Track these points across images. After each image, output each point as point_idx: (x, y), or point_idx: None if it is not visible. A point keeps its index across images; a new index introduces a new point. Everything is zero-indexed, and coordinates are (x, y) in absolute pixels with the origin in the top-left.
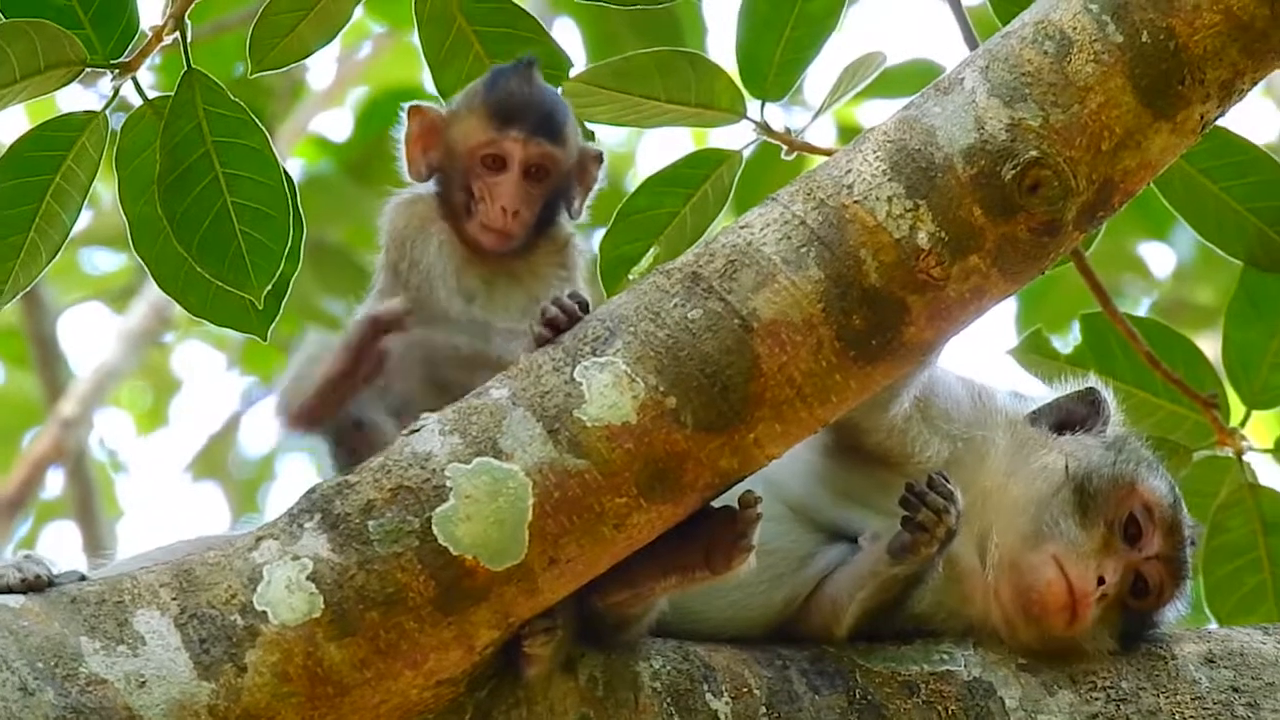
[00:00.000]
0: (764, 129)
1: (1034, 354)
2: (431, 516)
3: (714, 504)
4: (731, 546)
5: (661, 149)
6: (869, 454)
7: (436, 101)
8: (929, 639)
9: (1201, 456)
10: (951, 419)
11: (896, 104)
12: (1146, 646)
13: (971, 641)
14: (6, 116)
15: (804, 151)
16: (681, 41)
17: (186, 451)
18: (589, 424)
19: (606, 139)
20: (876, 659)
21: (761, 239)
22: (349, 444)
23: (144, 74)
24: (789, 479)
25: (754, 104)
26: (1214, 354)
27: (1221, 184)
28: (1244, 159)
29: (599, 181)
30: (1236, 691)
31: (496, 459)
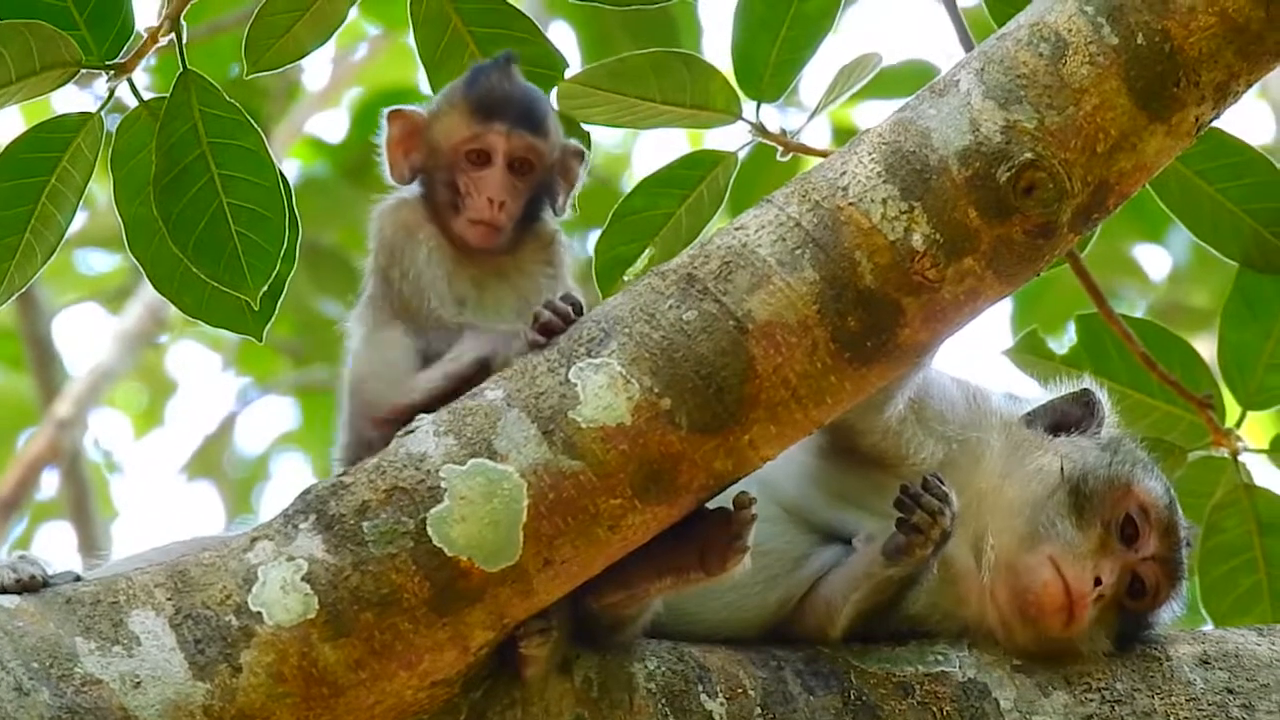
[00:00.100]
0: (759, 130)
1: (1029, 355)
2: (426, 518)
3: (709, 505)
4: (726, 548)
5: (657, 150)
6: (864, 455)
7: (429, 101)
8: (924, 640)
9: (1197, 457)
10: (946, 421)
11: (892, 106)
12: (1141, 648)
13: (966, 643)
14: (2, 118)
15: (799, 153)
16: (677, 42)
17: (182, 452)
18: (584, 425)
19: (602, 140)
20: (871, 660)
21: (756, 240)
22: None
23: (139, 75)
24: (784, 480)
25: (749, 105)
26: (1209, 356)
27: (1217, 185)
28: (1240, 160)
29: (582, 177)
30: (1231, 693)
31: (491, 460)
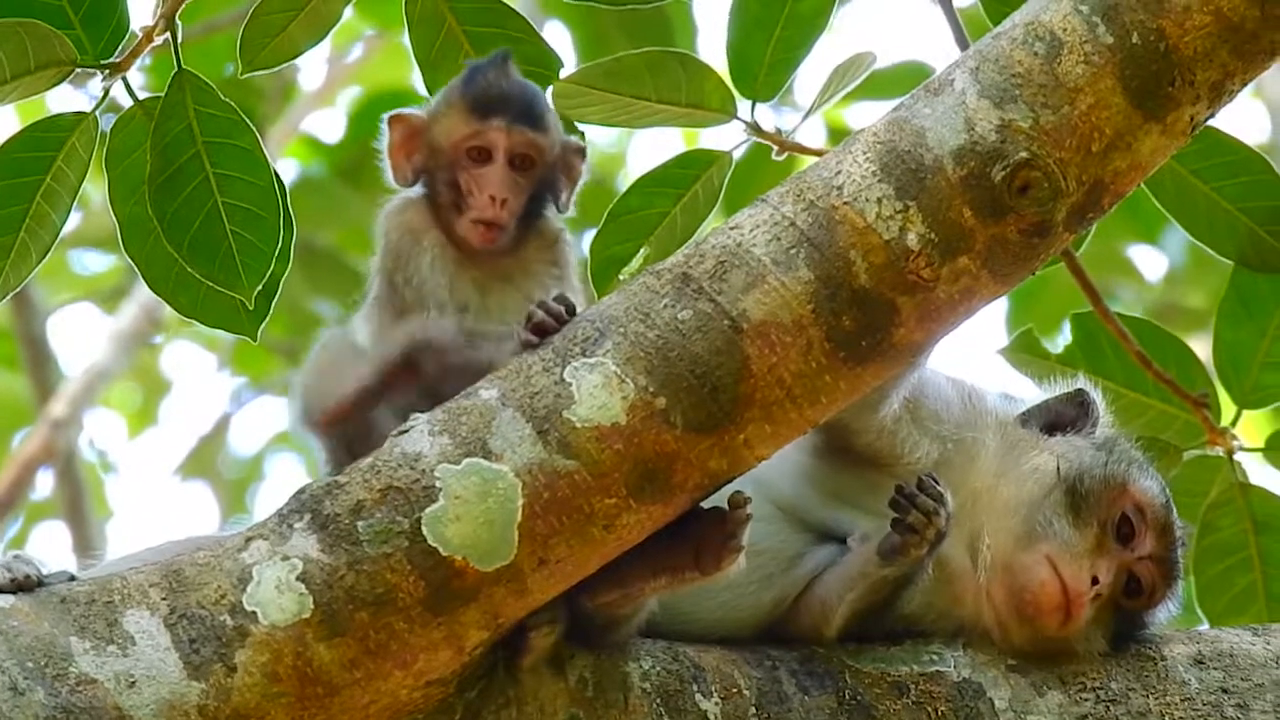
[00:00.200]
0: (754, 129)
1: (1025, 354)
2: (421, 517)
3: (704, 505)
4: (721, 547)
5: (652, 149)
6: (859, 455)
7: (427, 103)
8: (919, 640)
9: (1192, 456)
10: (941, 420)
11: (887, 105)
12: (1136, 647)
13: (961, 642)
14: None
15: (794, 152)
16: (672, 42)
17: (176, 452)
18: (578, 425)
19: (597, 139)
20: (866, 660)
21: (751, 240)
22: (358, 449)
23: (134, 74)
24: (779, 479)
25: (744, 104)
26: (1205, 356)
27: (1212, 184)
28: (1235, 159)
29: (584, 174)
30: (1226, 693)
31: (486, 460)
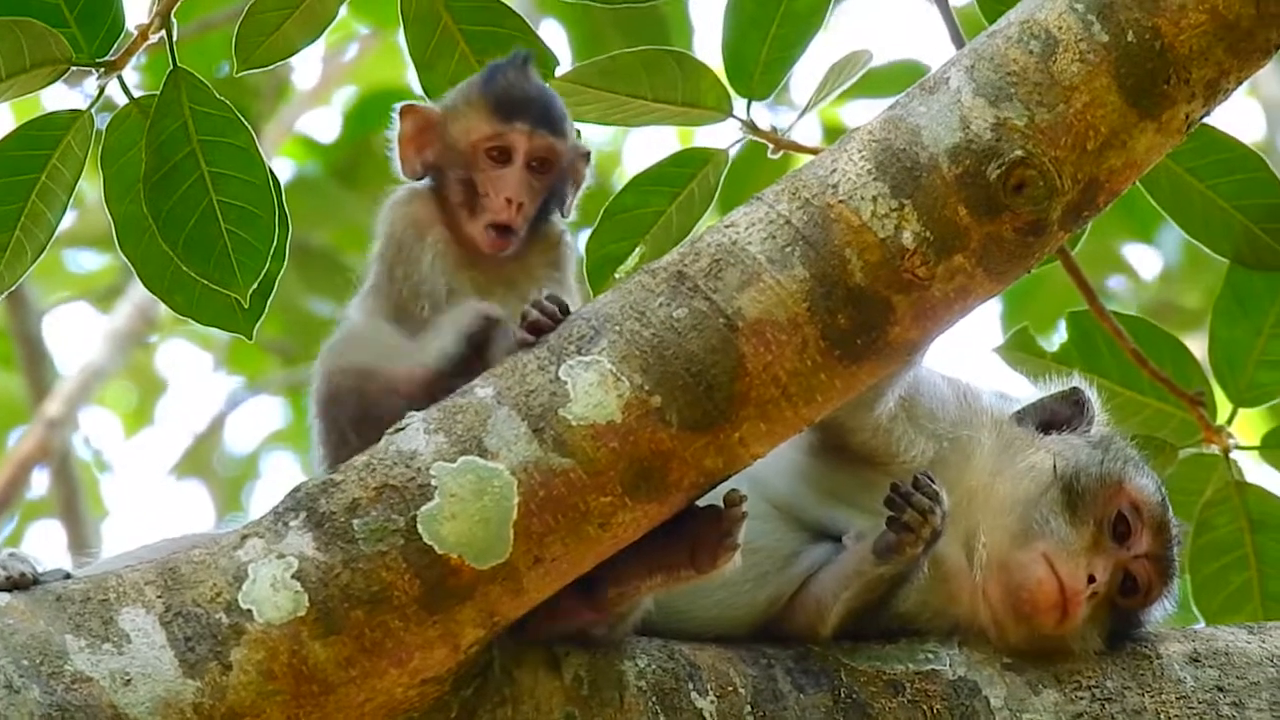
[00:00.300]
0: (750, 128)
1: (1020, 352)
2: (416, 515)
3: (699, 503)
4: (717, 545)
5: (648, 148)
6: (854, 453)
7: (423, 101)
8: (914, 638)
9: (1188, 454)
10: (937, 418)
11: (882, 104)
12: (1131, 646)
13: (957, 641)
14: None
15: (790, 150)
16: (667, 40)
17: (172, 451)
18: (574, 423)
19: (593, 138)
20: (861, 658)
21: (747, 238)
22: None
23: (129, 73)
24: (774, 478)
25: (740, 103)
26: (1201, 354)
27: (1208, 182)
28: (1230, 157)
29: (588, 179)
30: (1221, 691)
31: (481, 458)
